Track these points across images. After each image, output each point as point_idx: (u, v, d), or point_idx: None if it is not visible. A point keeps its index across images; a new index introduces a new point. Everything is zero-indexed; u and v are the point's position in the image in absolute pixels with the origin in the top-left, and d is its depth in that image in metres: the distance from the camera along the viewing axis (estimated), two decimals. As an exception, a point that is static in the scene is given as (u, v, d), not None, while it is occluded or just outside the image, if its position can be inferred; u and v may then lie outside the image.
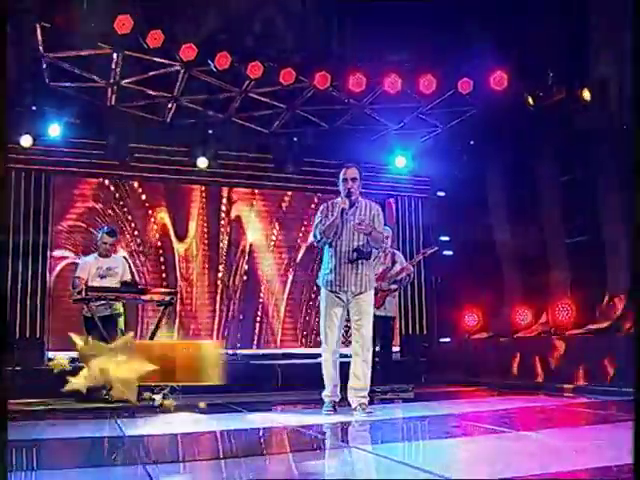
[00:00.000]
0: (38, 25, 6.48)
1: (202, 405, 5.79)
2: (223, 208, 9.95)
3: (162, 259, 9.53)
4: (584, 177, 8.02)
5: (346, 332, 5.48)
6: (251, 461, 3.38)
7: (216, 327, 9.68)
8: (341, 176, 5.19)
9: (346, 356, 5.36)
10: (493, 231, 9.35)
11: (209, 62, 7.07)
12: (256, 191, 10.11)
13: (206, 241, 9.82)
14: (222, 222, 9.91)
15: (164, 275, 9.51)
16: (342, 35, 7.71)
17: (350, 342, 5.24)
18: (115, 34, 6.48)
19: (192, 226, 9.77)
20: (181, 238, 9.68)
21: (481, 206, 9.41)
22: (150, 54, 6.99)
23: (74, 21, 6.25)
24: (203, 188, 9.85)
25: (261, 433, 4.57)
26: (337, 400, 5.21)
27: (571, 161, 8.19)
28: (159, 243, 9.55)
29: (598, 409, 5.55)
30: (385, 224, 5.59)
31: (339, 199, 5.16)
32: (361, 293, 5.09)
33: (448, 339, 10.06)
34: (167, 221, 9.62)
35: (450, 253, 10.07)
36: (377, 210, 5.24)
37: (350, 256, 5.09)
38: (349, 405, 5.16)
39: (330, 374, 5.16)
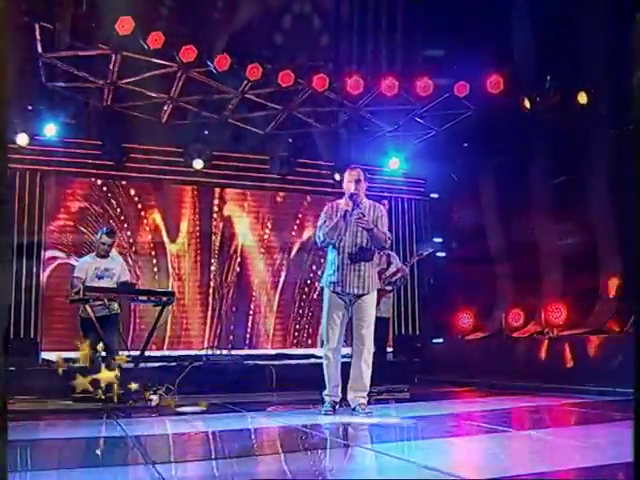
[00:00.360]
0: (37, 25, 6.46)
1: (201, 405, 5.78)
2: (216, 202, 9.94)
3: (154, 254, 9.51)
4: (578, 179, 8.09)
5: (347, 333, 5.50)
6: (256, 461, 3.42)
7: (208, 326, 9.69)
8: (345, 177, 5.20)
9: (346, 357, 5.40)
10: (486, 232, 9.42)
11: (209, 63, 7.08)
12: (249, 192, 10.12)
13: (198, 241, 9.81)
14: (214, 222, 9.90)
15: (155, 270, 9.49)
16: (341, 37, 7.75)
17: (351, 342, 5.26)
18: (116, 35, 6.47)
19: (184, 226, 9.75)
20: (173, 238, 9.68)
21: (475, 208, 9.47)
22: (149, 55, 6.98)
23: (75, 22, 6.24)
24: (196, 188, 9.85)
25: (263, 433, 4.59)
26: (337, 400, 5.22)
27: (565, 163, 8.27)
28: (150, 237, 9.52)
29: (592, 409, 5.61)
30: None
31: (343, 200, 5.15)
32: (363, 294, 5.10)
33: (441, 340, 10.11)
34: (159, 221, 9.61)
35: (443, 254, 10.13)
36: (381, 211, 5.24)
37: (353, 251, 5.08)
38: (348, 405, 5.19)
39: (331, 374, 5.17)
